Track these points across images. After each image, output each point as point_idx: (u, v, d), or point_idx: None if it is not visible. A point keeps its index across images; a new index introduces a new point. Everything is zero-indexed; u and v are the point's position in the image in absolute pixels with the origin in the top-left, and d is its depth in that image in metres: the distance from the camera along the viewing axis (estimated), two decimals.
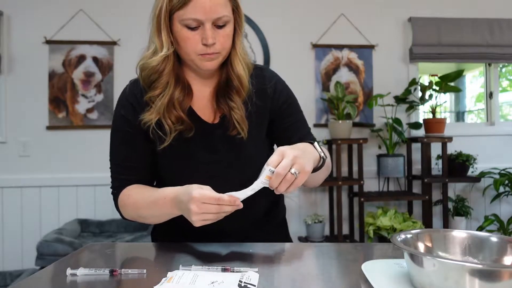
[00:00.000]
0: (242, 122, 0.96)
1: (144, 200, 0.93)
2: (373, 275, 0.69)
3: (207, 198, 0.77)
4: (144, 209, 0.93)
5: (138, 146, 0.98)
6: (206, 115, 0.99)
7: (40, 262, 2.09)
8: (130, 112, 0.97)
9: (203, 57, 0.90)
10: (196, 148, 0.97)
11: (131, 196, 0.96)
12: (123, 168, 1.00)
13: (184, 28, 0.88)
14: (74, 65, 2.74)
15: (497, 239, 0.70)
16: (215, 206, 0.77)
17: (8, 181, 2.68)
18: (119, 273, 0.74)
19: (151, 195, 0.92)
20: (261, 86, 1.01)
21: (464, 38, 2.96)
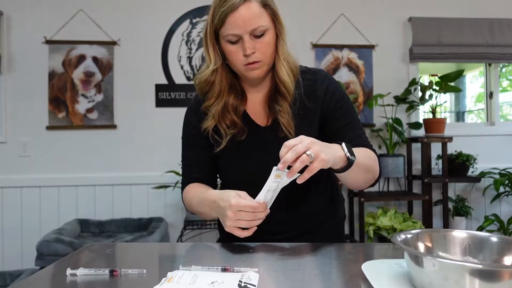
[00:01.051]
0: (288, 125, 1.02)
1: (195, 197, 1.03)
2: (373, 275, 0.69)
3: (243, 206, 0.83)
4: (195, 206, 1.04)
5: (201, 149, 1.10)
6: (260, 118, 1.07)
7: (40, 262, 2.08)
8: (194, 119, 1.10)
9: (247, 67, 0.98)
10: (249, 149, 1.05)
11: (189, 193, 1.08)
12: (189, 167, 1.13)
13: (228, 43, 0.98)
14: (74, 65, 2.74)
15: (497, 239, 0.70)
16: (250, 213, 0.84)
17: (8, 181, 2.68)
18: (119, 273, 0.74)
19: (202, 193, 1.01)
20: (312, 88, 1.06)
21: (464, 38, 2.96)
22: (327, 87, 1.07)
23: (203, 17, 2.86)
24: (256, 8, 0.95)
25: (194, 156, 1.12)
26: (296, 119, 1.02)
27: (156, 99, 2.80)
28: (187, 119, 1.13)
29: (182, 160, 1.15)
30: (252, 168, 1.04)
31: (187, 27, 2.84)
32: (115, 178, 2.74)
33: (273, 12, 1.00)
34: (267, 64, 1.00)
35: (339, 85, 1.11)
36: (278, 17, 1.01)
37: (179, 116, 3.06)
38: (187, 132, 1.13)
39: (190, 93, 2.82)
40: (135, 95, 2.79)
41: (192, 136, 1.11)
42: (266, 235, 0.98)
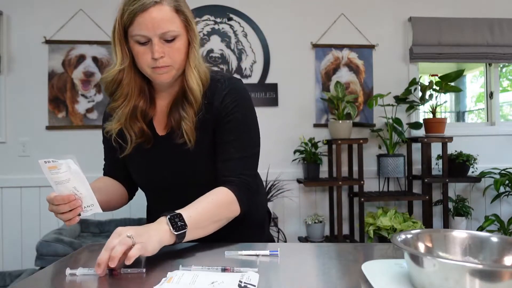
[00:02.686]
0: (191, 133, 0.99)
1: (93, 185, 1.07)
2: (373, 275, 0.69)
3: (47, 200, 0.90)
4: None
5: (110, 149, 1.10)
6: (160, 126, 1.06)
7: (39, 262, 2.08)
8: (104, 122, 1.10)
9: (154, 70, 0.95)
10: (150, 159, 1.06)
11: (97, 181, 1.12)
12: (105, 161, 1.18)
13: (136, 44, 0.95)
14: (74, 65, 2.74)
15: (497, 239, 0.70)
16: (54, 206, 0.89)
17: (8, 181, 2.68)
18: (119, 273, 0.74)
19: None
20: (211, 100, 1.02)
21: (464, 38, 2.96)
22: (224, 96, 1.02)
23: (203, 17, 2.86)
24: (167, 12, 0.92)
25: (106, 154, 1.16)
26: (198, 128, 1.00)
27: None
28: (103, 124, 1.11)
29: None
30: (152, 177, 1.07)
31: None
32: None
33: (186, 18, 0.96)
34: (176, 69, 0.97)
35: (241, 98, 1.04)
36: (191, 24, 0.97)
37: None
38: (103, 137, 1.13)
39: None
40: None
41: (103, 137, 1.12)
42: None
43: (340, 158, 2.61)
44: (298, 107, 2.88)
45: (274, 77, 2.88)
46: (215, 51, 2.86)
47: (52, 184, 0.87)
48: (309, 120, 2.90)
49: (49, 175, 0.84)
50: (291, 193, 2.86)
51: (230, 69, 2.86)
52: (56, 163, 0.84)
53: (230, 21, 2.88)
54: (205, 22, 2.86)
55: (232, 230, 1.02)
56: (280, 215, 2.84)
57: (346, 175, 2.87)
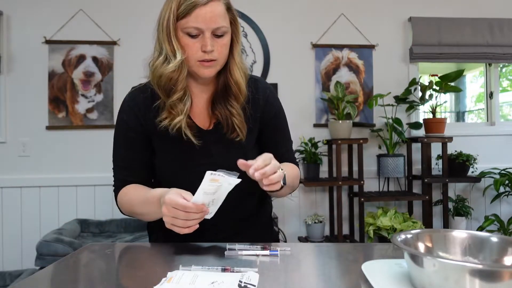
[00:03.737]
0: (242, 126, 1.03)
1: (137, 198, 1.00)
2: (373, 275, 0.69)
3: (175, 204, 0.81)
4: (137, 206, 1.00)
5: (139, 149, 1.06)
6: (201, 121, 1.06)
7: (39, 262, 2.08)
8: (132, 118, 1.04)
9: (201, 64, 0.97)
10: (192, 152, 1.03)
11: (127, 194, 1.04)
12: (123, 169, 1.08)
13: (185, 36, 0.95)
14: (74, 65, 2.74)
15: (497, 239, 0.70)
16: (182, 212, 0.81)
17: (8, 181, 2.68)
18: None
19: (144, 194, 0.98)
20: (254, 96, 1.08)
21: (464, 38, 2.96)
22: (267, 97, 1.10)
23: None
24: (222, 9, 0.96)
25: (129, 157, 1.07)
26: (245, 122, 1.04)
27: None
28: (122, 117, 1.06)
29: (114, 161, 1.11)
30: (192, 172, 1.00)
31: None
32: None
33: (233, 17, 1.00)
34: (220, 64, 1.00)
35: (277, 97, 1.15)
36: (237, 23, 1.02)
37: None
38: (122, 132, 1.07)
39: None
40: None
41: (128, 136, 1.06)
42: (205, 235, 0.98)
43: (340, 158, 2.61)
44: (298, 107, 2.88)
45: (274, 77, 2.88)
46: None
47: (199, 191, 0.82)
48: (309, 120, 2.89)
49: (205, 184, 0.81)
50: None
51: None
52: (221, 177, 0.81)
53: None
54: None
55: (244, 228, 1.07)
56: (280, 215, 2.84)
57: (346, 175, 2.87)
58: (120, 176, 1.08)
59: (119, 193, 1.06)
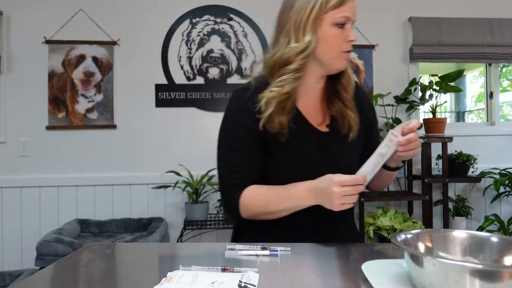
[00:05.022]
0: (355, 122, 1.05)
1: (277, 196, 0.98)
2: (373, 275, 0.69)
3: (346, 181, 0.86)
4: (275, 204, 0.98)
5: (253, 151, 1.02)
6: (314, 118, 1.06)
7: (39, 262, 2.08)
8: (246, 118, 1.00)
9: (344, 54, 0.99)
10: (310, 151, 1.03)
11: (260, 195, 1.00)
12: (235, 173, 1.02)
13: (333, 27, 0.96)
14: (74, 65, 2.74)
15: (497, 239, 0.70)
16: (351, 187, 0.86)
17: (8, 181, 2.67)
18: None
19: (283, 191, 0.98)
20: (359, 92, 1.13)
21: (464, 38, 2.96)
22: (368, 102, 1.15)
23: (203, 17, 2.86)
24: None
25: (242, 160, 1.01)
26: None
27: (156, 99, 2.80)
28: (235, 119, 1.02)
29: (224, 165, 1.03)
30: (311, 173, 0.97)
31: (187, 27, 2.84)
32: (115, 178, 2.74)
33: None
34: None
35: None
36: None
37: (179, 116, 3.07)
38: (236, 134, 1.01)
39: (190, 93, 2.82)
40: (135, 95, 2.79)
41: (243, 138, 1.00)
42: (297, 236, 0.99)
43: None
44: None
45: None
46: (215, 51, 2.86)
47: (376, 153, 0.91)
48: None
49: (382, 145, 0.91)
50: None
51: (230, 69, 2.87)
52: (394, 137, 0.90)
53: (230, 21, 2.88)
54: (205, 22, 2.86)
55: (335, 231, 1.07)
56: None
57: None
58: (231, 180, 1.02)
59: (242, 197, 1.00)
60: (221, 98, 2.84)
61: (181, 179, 2.66)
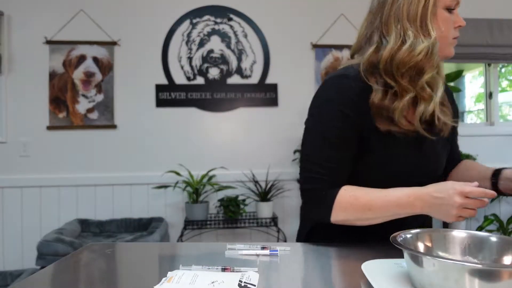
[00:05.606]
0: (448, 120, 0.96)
1: (380, 200, 0.87)
2: (373, 275, 0.69)
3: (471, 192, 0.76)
4: (377, 210, 0.87)
5: (351, 147, 0.91)
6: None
7: (40, 262, 2.09)
8: (353, 111, 0.89)
9: (454, 41, 0.93)
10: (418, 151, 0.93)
11: (360, 198, 0.88)
12: (329, 169, 0.90)
13: (445, 11, 0.90)
14: (75, 65, 2.74)
15: (496, 239, 0.70)
16: (476, 201, 0.77)
17: (8, 181, 2.68)
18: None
19: (386, 195, 0.86)
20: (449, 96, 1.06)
21: (464, 38, 2.95)
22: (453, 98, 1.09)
23: (203, 17, 2.86)
24: None
25: (340, 156, 0.90)
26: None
27: (156, 99, 2.80)
28: (338, 110, 0.90)
29: (317, 159, 0.91)
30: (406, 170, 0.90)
31: (187, 27, 2.84)
32: (116, 178, 2.75)
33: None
34: None
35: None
36: None
37: (179, 116, 3.07)
38: (336, 126, 0.90)
39: (190, 93, 2.82)
40: (135, 95, 2.79)
41: (345, 134, 0.90)
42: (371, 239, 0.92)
43: None
44: (298, 107, 2.88)
45: (274, 77, 2.89)
46: (215, 51, 2.86)
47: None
48: None
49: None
50: (291, 193, 2.86)
51: (230, 69, 2.87)
52: None
53: (230, 21, 2.88)
54: (205, 23, 2.86)
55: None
56: (280, 215, 2.84)
57: None
58: (328, 178, 0.90)
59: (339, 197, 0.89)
60: (221, 98, 2.85)
61: (181, 179, 2.67)
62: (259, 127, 2.86)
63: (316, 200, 0.91)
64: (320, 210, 0.90)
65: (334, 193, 0.89)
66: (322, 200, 0.90)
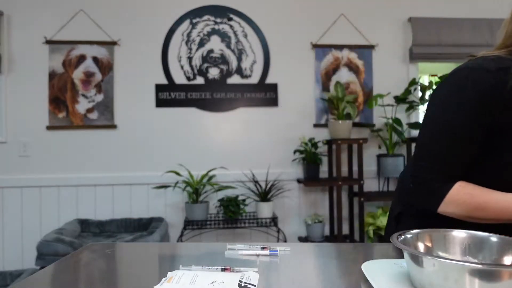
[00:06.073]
0: None
1: (496, 202, 0.84)
2: (373, 275, 0.69)
3: None
4: (490, 211, 0.85)
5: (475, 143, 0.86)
6: None
7: (40, 262, 2.09)
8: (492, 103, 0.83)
9: None
10: None
11: (477, 196, 0.86)
12: (449, 164, 0.87)
13: None
14: (74, 65, 2.74)
15: (497, 239, 0.70)
16: None
17: (8, 181, 2.68)
18: None
19: (504, 199, 0.84)
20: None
21: (464, 38, 2.96)
22: None
23: (203, 17, 2.86)
24: None
25: (462, 152, 0.86)
26: None
27: (156, 99, 2.80)
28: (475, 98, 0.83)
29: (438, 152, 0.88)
30: None
31: (187, 27, 2.84)
32: (115, 178, 2.75)
33: None
34: None
35: None
36: None
37: (179, 116, 3.07)
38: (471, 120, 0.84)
39: (190, 93, 2.82)
40: (135, 95, 2.79)
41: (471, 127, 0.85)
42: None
43: (340, 158, 2.61)
44: (298, 107, 2.88)
45: (274, 77, 2.89)
46: (215, 51, 2.86)
47: None
48: (309, 120, 2.90)
49: None
50: (291, 193, 2.86)
51: (230, 69, 2.87)
52: None
53: (230, 21, 2.88)
54: (205, 23, 2.86)
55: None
56: (280, 215, 2.84)
57: (346, 175, 2.87)
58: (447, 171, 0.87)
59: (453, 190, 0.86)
60: (221, 98, 2.85)
61: (181, 179, 2.67)
62: (259, 127, 2.86)
63: (426, 190, 0.89)
64: (429, 200, 0.89)
65: (448, 188, 0.86)
66: (434, 192, 0.88)
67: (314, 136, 2.84)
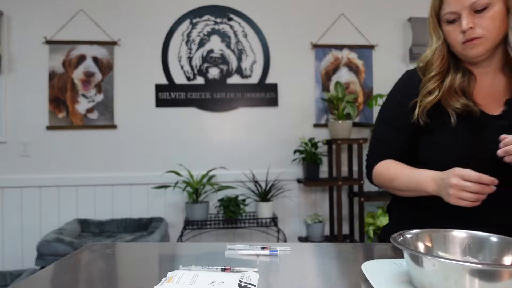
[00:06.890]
0: None
1: (404, 175, 1.00)
2: (373, 275, 0.69)
3: (467, 175, 0.82)
4: (400, 182, 1.00)
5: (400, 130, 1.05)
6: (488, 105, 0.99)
7: (40, 262, 2.09)
8: (402, 97, 1.05)
9: (465, 45, 0.96)
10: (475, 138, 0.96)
11: (390, 169, 1.04)
12: (381, 144, 1.09)
13: (446, 24, 1.00)
14: (74, 65, 2.74)
15: (497, 239, 0.70)
16: (474, 185, 0.81)
17: (8, 181, 2.68)
18: None
19: (411, 172, 0.99)
20: None
21: None
22: None
23: (203, 17, 2.86)
24: None
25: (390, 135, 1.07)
26: None
27: (156, 99, 2.80)
28: (393, 95, 1.09)
29: (375, 135, 1.12)
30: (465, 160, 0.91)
31: (187, 27, 2.84)
32: (115, 178, 2.75)
33: None
34: (490, 40, 0.93)
35: None
36: None
37: (179, 116, 3.07)
38: (389, 109, 1.09)
39: (190, 93, 2.82)
40: (135, 95, 2.79)
41: (394, 114, 1.06)
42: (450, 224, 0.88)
43: (340, 158, 2.61)
44: (298, 107, 2.88)
45: (274, 77, 2.89)
46: (215, 51, 2.86)
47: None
48: (309, 120, 2.90)
49: None
50: (291, 193, 2.86)
51: (230, 69, 2.87)
52: None
53: (230, 21, 2.88)
54: (205, 23, 2.86)
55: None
56: (280, 215, 2.84)
57: (346, 175, 2.87)
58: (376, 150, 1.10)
59: (377, 166, 1.07)
60: (221, 98, 2.85)
61: (181, 179, 2.67)
62: (259, 127, 2.86)
63: (367, 166, 1.12)
64: (367, 174, 1.12)
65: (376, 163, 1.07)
66: (369, 167, 1.11)
67: (314, 136, 2.84)
